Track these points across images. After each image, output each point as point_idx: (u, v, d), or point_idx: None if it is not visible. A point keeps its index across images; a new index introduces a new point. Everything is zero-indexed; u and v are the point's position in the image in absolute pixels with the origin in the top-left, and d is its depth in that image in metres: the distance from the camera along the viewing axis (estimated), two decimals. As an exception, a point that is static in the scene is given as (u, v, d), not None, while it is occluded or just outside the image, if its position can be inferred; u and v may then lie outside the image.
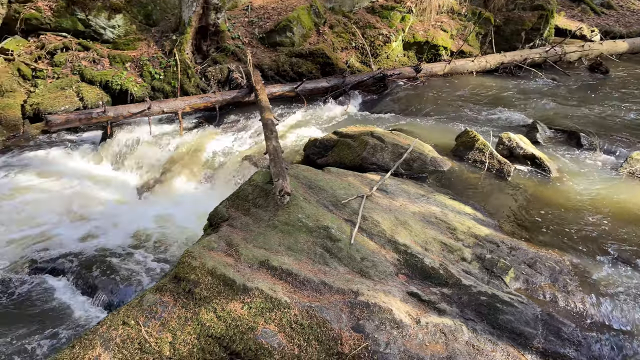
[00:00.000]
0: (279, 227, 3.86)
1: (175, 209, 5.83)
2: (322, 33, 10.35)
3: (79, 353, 3.26)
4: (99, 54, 8.65)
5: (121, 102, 8.13)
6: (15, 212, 5.72)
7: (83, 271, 4.71)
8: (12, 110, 7.75)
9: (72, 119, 6.97)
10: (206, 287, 3.44)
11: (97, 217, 5.63)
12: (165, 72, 8.57)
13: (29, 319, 4.25)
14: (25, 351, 3.87)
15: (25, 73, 8.19)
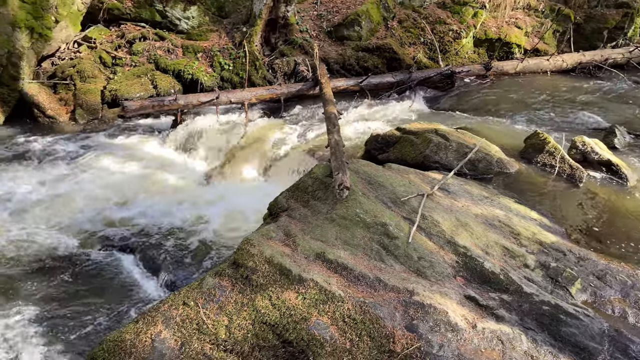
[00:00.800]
0: (336, 221, 3.87)
1: (236, 196, 5.98)
2: (390, 28, 10.23)
3: (142, 328, 3.43)
4: (173, 44, 9.00)
5: (191, 91, 8.44)
6: (90, 191, 6.08)
7: (149, 250, 4.95)
8: (93, 95, 8.23)
9: (146, 106, 7.32)
10: (263, 274, 3.52)
11: (164, 200, 5.88)
12: (234, 63, 8.79)
13: (99, 292, 4.52)
14: (94, 322, 4.13)
15: (106, 60, 8.67)
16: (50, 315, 4.12)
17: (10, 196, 5.84)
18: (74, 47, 8.90)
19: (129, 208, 5.77)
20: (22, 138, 7.21)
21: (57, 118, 7.98)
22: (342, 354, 3.13)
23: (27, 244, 5.12)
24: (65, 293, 4.50)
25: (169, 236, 5.22)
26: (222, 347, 3.32)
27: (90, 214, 5.65)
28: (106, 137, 7.52)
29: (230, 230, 5.44)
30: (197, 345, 3.34)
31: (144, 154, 7.21)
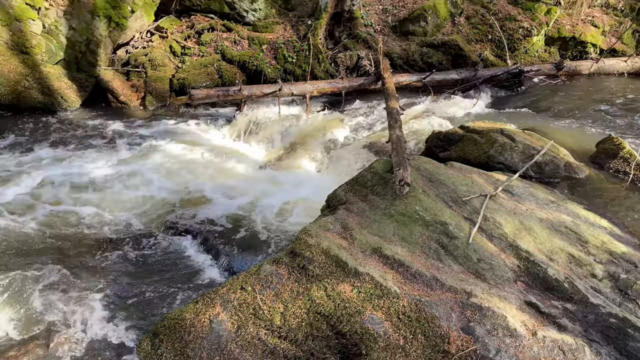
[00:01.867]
0: (394, 217, 3.85)
1: (294, 187, 6.07)
2: (457, 24, 9.98)
3: (201, 309, 3.56)
4: (240, 36, 9.20)
5: (254, 82, 8.60)
6: (156, 175, 6.34)
7: (209, 235, 5.12)
8: (163, 83, 8.57)
9: (212, 95, 7.54)
10: (319, 265, 3.56)
11: (225, 186, 6.05)
12: (298, 56, 8.88)
13: (161, 271, 4.72)
14: (156, 299, 4.32)
15: (176, 50, 8.99)
16: (116, 289, 4.35)
17: (85, 176, 6.19)
18: (147, 37, 9.29)
19: (192, 193, 5.98)
20: (97, 121, 7.62)
21: (129, 103, 8.36)
22: (395, 350, 3.12)
23: (97, 221, 5.42)
24: (130, 270, 4.73)
25: (229, 222, 5.37)
26: (277, 334, 3.40)
27: (156, 196, 5.90)
28: (173, 123, 7.81)
29: (287, 219, 5.52)
30: (252, 330, 3.43)
31: (206, 141, 7.44)
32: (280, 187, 6.05)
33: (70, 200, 5.68)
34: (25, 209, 5.48)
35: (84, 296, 4.21)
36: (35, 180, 6.02)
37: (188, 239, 5.17)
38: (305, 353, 3.33)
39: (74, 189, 5.92)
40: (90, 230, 5.24)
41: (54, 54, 7.76)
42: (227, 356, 3.35)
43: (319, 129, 7.22)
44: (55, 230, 5.19)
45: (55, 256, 4.76)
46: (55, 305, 4.10)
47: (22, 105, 7.55)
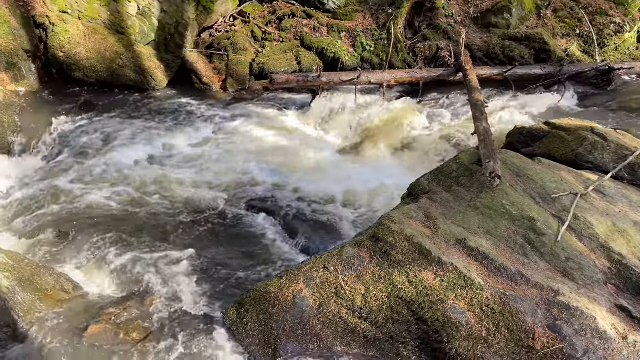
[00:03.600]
0: (480, 209, 3.83)
1: (369, 174, 6.12)
2: (543, 17, 9.59)
3: (285, 284, 3.71)
4: (319, 23, 9.31)
5: (331, 69, 8.68)
6: (236, 154, 6.59)
7: (288, 215, 5.30)
8: (243, 66, 8.83)
9: (291, 80, 7.70)
10: (402, 251, 3.61)
11: (302, 170, 6.21)
12: (376, 45, 8.87)
13: (242, 245, 4.95)
14: (237, 271, 4.54)
15: (257, 35, 9.23)
16: (203, 259, 4.62)
17: (170, 153, 6.55)
18: (230, 21, 9.58)
19: (269, 173, 6.18)
20: (182, 100, 7.99)
21: (211, 85, 8.70)
22: (477, 341, 3.14)
23: (183, 196, 5.73)
24: (215, 241, 4.99)
25: (306, 204, 5.52)
26: (357, 314, 3.50)
27: (236, 175, 6.15)
28: (251, 106, 8.06)
29: (361, 205, 5.60)
30: (334, 308, 3.55)
31: (283, 125, 7.63)
32: (356, 174, 6.12)
33: (158, 175, 6.02)
34: (116, 181, 5.87)
35: (174, 263, 4.50)
36: (124, 154, 6.42)
37: (267, 218, 5.37)
38: (384, 335, 3.42)
39: (161, 164, 6.28)
40: (177, 203, 5.55)
41: (146, 35, 8.19)
42: (309, 331, 3.50)
43: (396, 118, 7.22)
44: (145, 203, 5.54)
45: (146, 226, 5.11)
46: (148, 270, 4.41)
47: (116, 82, 8.04)
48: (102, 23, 7.96)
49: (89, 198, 5.46)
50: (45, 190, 5.62)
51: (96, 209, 5.31)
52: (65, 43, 7.64)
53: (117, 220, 5.14)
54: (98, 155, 6.29)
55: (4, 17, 7.64)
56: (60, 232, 4.81)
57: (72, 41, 7.68)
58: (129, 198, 5.56)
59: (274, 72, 8.22)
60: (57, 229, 4.97)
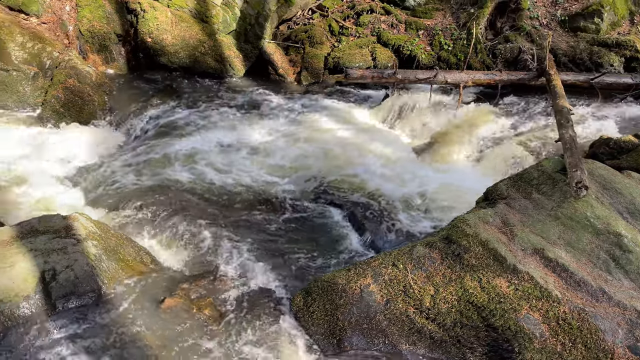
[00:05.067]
0: (561, 219, 3.68)
1: (440, 175, 6.03)
2: (637, 23, 9.01)
3: (353, 277, 3.74)
4: (398, 19, 9.22)
5: (406, 67, 8.59)
6: (307, 146, 6.67)
7: (356, 209, 5.31)
8: (318, 60, 8.92)
9: (366, 75, 7.69)
10: (475, 256, 3.54)
11: (372, 166, 6.20)
12: (455, 44, 8.68)
13: (310, 235, 5.03)
14: (304, 260, 4.62)
15: (334, 29, 9.28)
16: (272, 245, 4.74)
17: (245, 139, 6.73)
18: (309, 14, 9.70)
19: (340, 167, 6.21)
20: (258, 90, 8.18)
21: (286, 77, 8.85)
22: (551, 355, 3.03)
23: (255, 183, 5.90)
24: (284, 229, 5.10)
25: (375, 200, 5.52)
26: (425, 314, 3.47)
27: (307, 166, 6.24)
28: (324, 99, 8.12)
29: (431, 205, 5.52)
30: (401, 306, 3.53)
31: (355, 120, 7.64)
32: (427, 174, 6.05)
33: (233, 160, 6.22)
34: (193, 162, 6.12)
35: (244, 245, 4.65)
36: (202, 138, 6.67)
37: (336, 210, 5.42)
38: (451, 338, 3.37)
39: (236, 150, 6.48)
40: (250, 189, 5.71)
41: (228, 25, 8.44)
42: (374, 326, 3.51)
43: (471, 120, 7.05)
44: (220, 186, 5.74)
45: (220, 208, 5.30)
46: (220, 250, 4.57)
47: (197, 69, 8.36)
48: (188, 11, 8.28)
49: (168, 177, 5.74)
50: (129, 165, 5.96)
51: (174, 187, 5.57)
52: (154, 29, 8.03)
53: (193, 200, 5.37)
54: (178, 136, 6.58)
55: (99, 2, 8.14)
56: (142, 206, 5.08)
57: (160, 28, 8.05)
58: (205, 180, 5.79)
59: (349, 67, 8.23)
60: (138, 203, 5.26)
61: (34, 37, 7.30)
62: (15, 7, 7.61)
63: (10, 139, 6.26)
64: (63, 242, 3.78)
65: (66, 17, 7.99)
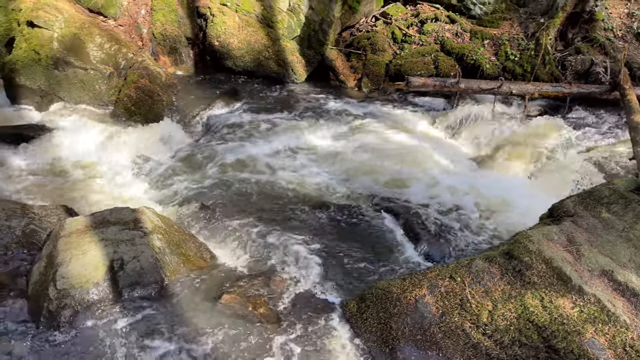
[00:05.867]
0: (633, 241, 3.50)
1: (502, 188, 5.86)
2: None
3: (408, 287, 3.71)
4: (462, 28, 9.08)
5: (469, 76, 8.43)
6: (366, 152, 6.68)
7: (412, 218, 5.26)
8: (379, 67, 8.92)
9: (428, 84, 7.62)
10: (538, 273, 3.43)
11: (430, 175, 6.12)
12: (522, 55, 8.45)
13: (363, 241, 5.02)
14: (359, 268, 4.61)
15: (397, 36, 9.26)
16: (326, 249, 4.77)
17: (304, 144, 6.83)
18: (372, 21, 9.72)
19: (398, 174, 6.18)
20: (318, 95, 8.29)
21: (346, 83, 8.91)
22: (617, 382, 2.89)
23: (313, 186, 5.97)
24: (338, 233, 5.13)
25: (431, 210, 5.45)
26: (482, 330, 3.39)
27: (365, 172, 6.25)
28: (384, 107, 8.12)
29: (490, 219, 5.39)
30: (457, 319, 3.47)
31: (415, 128, 7.58)
32: (487, 187, 5.90)
33: (292, 164, 6.33)
34: (254, 164, 6.27)
35: (300, 248, 4.70)
36: (263, 140, 6.83)
37: (390, 218, 5.39)
38: (509, 357, 3.28)
39: (296, 153, 6.58)
40: (308, 192, 5.79)
41: (293, 30, 8.60)
42: (428, 338, 3.46)
43: (536, 133, 6.83)
44: (279, 188, 5.85)
45: (277, 210, 5.40)
46: (276, 251, 4.66)
47: (260, 72, 8.57)
48: (255, 17, 8.51)
49: (228, 176, 5.92)
50: (192, 164, 6.20)
51: (234, 187, 5.73)
52: (222, 33, 8.30)
53: (252, 201, 5.50)
54: (239, 138, 6.77)
55: (172, 6, 8.50)
56: (203, 204, 5.25)
57: (227, 32, 8.32)
58: (264, 181, 5.92)
59: (410, 75, 8.18)
60: (200, 201, 5.45)
61: (111, 38, 7.73)
62: (95, 10, 8.09)
63: (86, 133, 6.65)
64: (131, 234, 3.97)
65: (141, 20, 8.41)
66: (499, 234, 5.09)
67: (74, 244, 3.81)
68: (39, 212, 4.64)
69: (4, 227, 4.30)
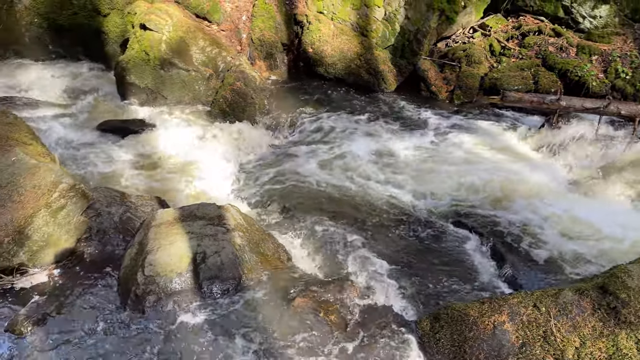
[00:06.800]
0: None
1: (601, 216, 5.39)
2: None
3: (487, 311, 3.54)
4: (568, 42, 8.54)
5: (572, 94, 7.89)
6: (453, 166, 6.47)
7: (497, 239, 5.02)
8: (473, 79, 8.62)
9: (525, 99, 7.23)
10: (635, 313, 3.13)
11: (521, 196, 5.79)
12: (634, 73, 7.78)
13: (442, 258, 4.87)
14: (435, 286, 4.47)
15: (495, 49, 8.90)
16: (401, 263, 4.69)
17: (389, 153, 6.76)
18: (469, 33, 9.44)
19: (485, 192, 5.93)
20: (408, 105, 8.17)
21: (437, 94, 8.70)
22: None
23: (393, 196, 5.89)
24: (414, 247, 5.02)
25: (520, 232, 5.16)
26: (566, 367, 3.14)
27: (448, 187, 6.05)
28: (476, 120, 7.81)
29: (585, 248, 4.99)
30: (539, 352, 3.26)
31: (508, 145, 7.22)
32: (584, 212, 5.47)
33: (375, 173, 6.29)
34: (338, 171, 6.31)
35: (375, 258, 4.66)
36: (349, 148, 6.84)
37: (474, 237, 5.17)
38: (595, 400, 3.01)
39: (380, 163, 6.52)
40: (387, 202, 5.72)
41: (387, 40, 8.57)
42: (505, 367, 3.27)
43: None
44: (359, 196, 5.83)
45: (356, 218, 5.38)
46: (351, 259, 4.65)
47: (350, 80, 8.62)
48: (350, 25, 8.58)
49: (311, 181, 6.00)
50: (277, 165, 6.37)
51: (316, 192, 5.80)
52: (316, 40, 8.46)
53: (332, 206, 5.53)
54: (326, 143, 6.85)
55: (271, 13, 8.80)
56: (285, 206, 5.37)
57: (322, 39, 8.46)
58: (346, 188, 5.93)
59: (507, 89, 7.82)
60: (280, 201, 5.58)
61: (213, 42, 8.16)
62: (201, 15, 8.59)
63: (183, 131, 7.08)
64: (215, 229, 4.14)
65: (241, 25, 8.80)
66: (593, 266, 4.70)
67: (163, 234, 4.04)
68: (136, 201, 4.98)
69: (105, 212, 4.66)
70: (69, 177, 4.37)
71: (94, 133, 7.06)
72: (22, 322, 3.57)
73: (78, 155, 6.46)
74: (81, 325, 3.66)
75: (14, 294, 3.94)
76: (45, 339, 3.51)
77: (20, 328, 3.54)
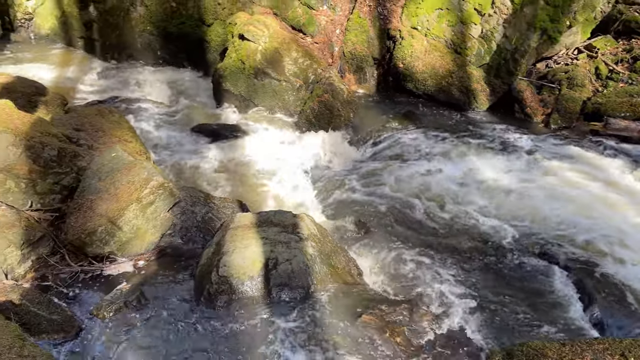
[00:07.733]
0: None
1: None
2: None
3: (567, 354, 3.28)
4: (688, 68, 7.76)
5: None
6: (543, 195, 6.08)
7: (588, 278, 4.64)
8: (573, 103, 8.07)
9: (632, 128, 6.68)
10: None
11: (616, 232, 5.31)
12: None
13: (523, 293, 4.58)
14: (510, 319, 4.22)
15: (601, 72, 8.30)
16: (475, 290, 4.49)
17: (476, 176, 6.49)
18: (573, 54, 8.88)
19: (577, 225, 5.51)
20: (500, 127, 7.80)
21: (532, 117, 8.25)
22: None
23: (474, 221, 5.64)
24: (492, 277, 4.78)
25: (613, 271, 4.73)
26: None
27: (537, 217, 5.70)
28: (574, 147, 7.30)
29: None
30: (623, 407, 2.95)
31: (608, 176, 6.66)
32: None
33: (457, 195, 6.07)
34: (418, 190, 6.17)
35: (448, 285, 4.50)
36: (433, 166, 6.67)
37: (560, 272, 4.82)
38: None
39: (464, 185, 6.29)
40: (468, 228, 5.50)
41: (481, 58, 8.29)
42: (582, 418, 3.00)
43: None
44: (437, 218, 5.67)
45: (431, 240, 5.24)
46: (423, 281, 4.52)
47: (440, 97, 8.43)
48: (444, 41, 8.41)
49: (389, 197, 5.92)
50: (356, 180, 6.35)
51: (392, 208, 5.72)
52: (407, 56, 8.39)
53: (407, 225, 5.43)
54: (409, 161, 6.73)
55: (365, 27, 8.86)
56: (360, 220, 5.35)
57: (414, 55, 8.37)
58: (424, 208, 5.79)
59: (612, 116, 7.25)
60: (354, 216, 5.56)
61: (305, 54, 8.36)
62: (296, 27, 8.85)
63: (271, 138, 7.31)
64: (288, 237, 4.21)
65: (335, 39, 8.94)
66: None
67: (239, 237, 4.18)
68: (218, 203, 5.21)
69: (189, 211, 4.91)
70: (159, 175, 4.66)
71: (188, 134, 7.51)
72: (105, 307, 3.84)
73: (171, 154, 6.89)
74: (157, 315, 3.87)
75: (102, 280, 4.26)
76: (124, 325, 3.75)
77: (104, 313, 3.81)
